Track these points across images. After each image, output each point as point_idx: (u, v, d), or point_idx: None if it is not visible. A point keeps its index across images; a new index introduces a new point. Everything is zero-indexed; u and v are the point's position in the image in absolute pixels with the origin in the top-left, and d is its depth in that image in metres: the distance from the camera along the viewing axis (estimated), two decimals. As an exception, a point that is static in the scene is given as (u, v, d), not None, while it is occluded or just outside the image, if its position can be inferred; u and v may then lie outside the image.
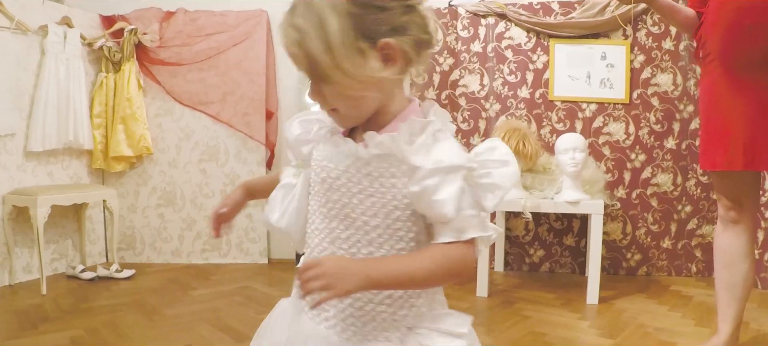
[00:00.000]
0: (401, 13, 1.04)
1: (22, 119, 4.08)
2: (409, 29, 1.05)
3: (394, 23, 1.03)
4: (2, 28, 3.89)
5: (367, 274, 1.01)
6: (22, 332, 3.01)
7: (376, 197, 1.08)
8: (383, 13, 1.03)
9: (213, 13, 4.61)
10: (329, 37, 1.00)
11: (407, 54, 1.06)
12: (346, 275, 0.99)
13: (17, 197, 3.87)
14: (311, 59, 1.02)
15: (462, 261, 1.06)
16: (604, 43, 4.12)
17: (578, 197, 3.46)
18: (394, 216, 1.08)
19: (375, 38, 1.03)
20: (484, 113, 4.33)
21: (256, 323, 2.92)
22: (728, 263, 2.56)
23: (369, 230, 1.09)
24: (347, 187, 1.10)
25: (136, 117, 4.49)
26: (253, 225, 4.65)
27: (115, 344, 2.84)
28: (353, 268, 1.01)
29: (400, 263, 1.06)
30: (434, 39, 1.10)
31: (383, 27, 1.03)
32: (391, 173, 1.07)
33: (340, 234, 1.11)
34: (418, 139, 1.07)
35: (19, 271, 4.03)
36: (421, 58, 1.10)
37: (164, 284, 4.00)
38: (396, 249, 1.09)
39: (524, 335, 2.96)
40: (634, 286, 3.90)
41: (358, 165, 1.09)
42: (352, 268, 1.01)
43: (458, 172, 1.03)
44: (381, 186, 1.08)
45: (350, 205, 1.10)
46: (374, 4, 1.02)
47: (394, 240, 1.09)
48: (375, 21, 1.02)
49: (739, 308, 2.56)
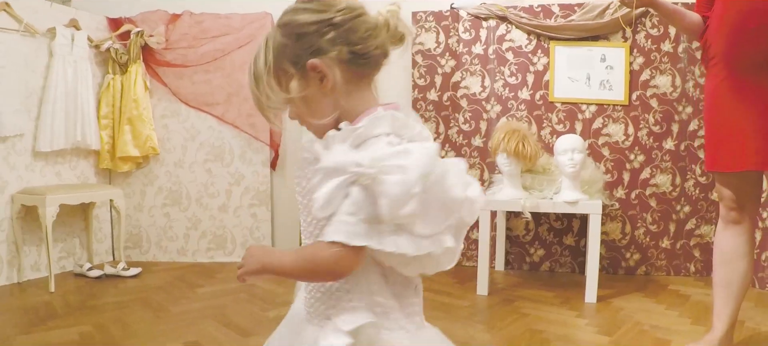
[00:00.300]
0: (320, 36, 1.15)
1: (31, 120, 4.15)
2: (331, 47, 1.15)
3: (315, 46, 1.15)
4: (11, 30, 3.95)
5: (262, 260, 1.19)
6: (32, 327, 3.08)
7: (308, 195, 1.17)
8: (303, 40, 1.16)
9: (218, 16, 4.68)
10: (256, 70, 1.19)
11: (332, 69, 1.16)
12: (250, 258, 1.20)
13: (26, 196, 3.94)
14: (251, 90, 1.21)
15: (330, 262, 1.09)
16: (604, 45, 4.17)
17: (577, 197, 3.52)
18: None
19: (300, 62, 1.16)
20: (485, 115, 4.39)
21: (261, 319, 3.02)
22: (727, 261, 2.61)
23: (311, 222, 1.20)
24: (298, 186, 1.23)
25: (143, 118, 4.56)
26: (258, 224, 4.71)
27: (122, 339, 2.91)
28: (257, 254, 1.20)
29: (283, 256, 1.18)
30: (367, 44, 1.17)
31: (307, 51, 1.16)
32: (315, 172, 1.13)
33: (303, 223, 1.23)
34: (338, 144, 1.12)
35: (27, 269, 4.11)
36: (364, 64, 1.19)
37: (170, 281, 4.08)
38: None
39: (522, 332, 3.01)
40: (632, 285, 3.95)
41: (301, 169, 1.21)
42: (257, 254, 1.20)
43: (339, 173, 1.06)
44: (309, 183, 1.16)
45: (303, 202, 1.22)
46: (295, 33, 1.17)
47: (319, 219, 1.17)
48: (299, 47, 1.16)
49: (735, 306, 2.61)
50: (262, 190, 4.71)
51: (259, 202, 4.71)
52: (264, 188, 4.71)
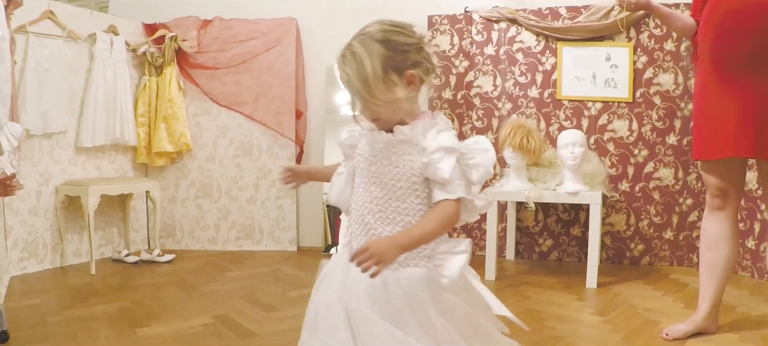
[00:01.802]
0: (415, 53, 1.58)
1: (74, 118, 4.50)
2: (421, 63, 1.58)
3: (413, 60, 1.57)
4: (55, 36, 4.29)
5: (399, 243, 1.49)
6: (76, 303, 3.41)
7: (399, 168, 1.59)
8: (405, 55, 1.56)
9: (246, 21, 4.99)
10: (366, 76, 1.51)
11: (421, 79, 1.59)
12: (387, 250, 1.46)
13: (69, 187, 4.29)
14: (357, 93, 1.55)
15: (452, 214, 1.55)
16: (609, 45, 4.38)
17: (578, 189, 3.75)
18: (412, 180, 1.59)
19: (402, 71, 1.55)
20: (496, 112, 4.63)
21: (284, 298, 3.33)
22: (711, 245, 2.80)
23: (396, 190, 1.60)
24: (382, 162, 1.61)
25: (177, 116, 4.88)
26: (284, 215, 5.02)
27: (158, 313, 3.23)
28: (390, 243, 1.48)
29: (418, 231, 1.53)
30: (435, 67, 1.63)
31: (407, 63, 1.56)
32: (408, 151, 1.58)
33: (377, 194, 1.61)
34: (427, 132, 1.59)
35: (69, 255, 4.45)
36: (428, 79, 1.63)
37: (202, 266, 4.40)
38: (415, 203, 1.60)
39: (522, 311, 3.25)
40: (635, 274, 4.14)
41: (389, 147, 1.60)
42: (389, 244, 1.47)
43: (453, 152, 1.53)
44: (402, 160, 1.59)
45: (383, 173, 1.61)
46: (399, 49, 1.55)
47: (413, 197, 1.60)
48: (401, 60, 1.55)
49: (719, 288, 2.80)
50: (287, 183, 5.00)
51: (284, 194, 5.01)
52: (289, 182, 5.00)
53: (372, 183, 1.62)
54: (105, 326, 2.98)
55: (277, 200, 5.02)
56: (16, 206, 4.08)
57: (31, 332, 2.88)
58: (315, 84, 5.11)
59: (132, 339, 2.80)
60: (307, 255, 4.82)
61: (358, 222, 1.65)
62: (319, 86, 5.09)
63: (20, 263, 4.12)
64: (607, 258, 4.48)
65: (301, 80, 5.04)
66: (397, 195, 1.60)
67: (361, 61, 1.52)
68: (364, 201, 1.63)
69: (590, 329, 2.98)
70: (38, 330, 2.91)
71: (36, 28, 4.12)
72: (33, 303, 3.40)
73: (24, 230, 4.15)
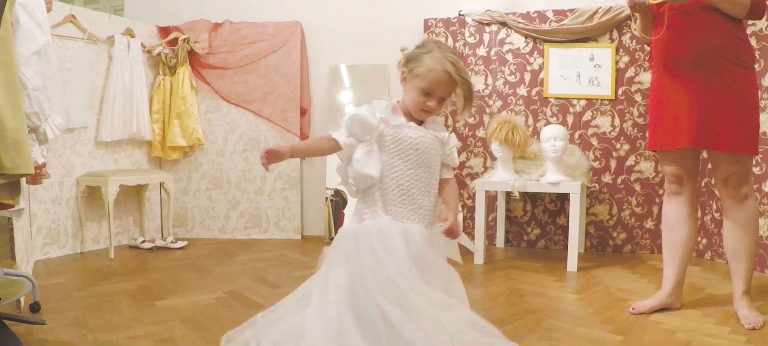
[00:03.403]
0: None
1: (94, 115, 4.81)
2: None
3: None
4: (77, 39, 4.61)
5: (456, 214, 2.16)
6: (97, 282, 3.74)
7: (438, 156, 2.21)
8: None
9: (254, 24, 5.29)
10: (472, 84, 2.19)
11: None
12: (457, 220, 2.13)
13: (90, 178, 4.60)
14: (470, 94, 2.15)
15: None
16: (593, 46, 4.67)
17: (559, 179, 4.05)
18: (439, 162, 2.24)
19: None
20: (488, 109, 4.93)
21: (289, 277, 3.67)
22: (671, 227, 3.09)
23: (435, 172, 2.21)
24: (430, 151, 2.18)
25: (189, 113, 5.20)
26: (289, 206, 5.33)
27: (174, 289, 3.55)
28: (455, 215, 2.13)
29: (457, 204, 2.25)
30: None
31: None
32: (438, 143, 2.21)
33: (423, 175, 2.16)
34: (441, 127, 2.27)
35: (88, 241, 4.77)
36: None
37: (213, 252, 4.72)
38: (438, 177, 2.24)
39: (503, 289, 3.55)
40: (616, 260, 4.41)
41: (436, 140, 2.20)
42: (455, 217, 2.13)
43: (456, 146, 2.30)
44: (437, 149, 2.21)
45: (431, 159, 2.18)
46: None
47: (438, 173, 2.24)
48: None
49: (680, 266, 3.07)
50: (292, 176, 5.33)
51: (290, 186, 5.33)
52: (294, 175, 5.33)
53: (420, 166, 2.14)
54: (126, 299, 3.31)
55: (282, 191, 5.33)
56: (41, 195, 4.40)
57: (59, 304, 3.20)
58: (318, 83, 5.42)
59: (152, 309, 3.12)
60: (311, 243, 5.13)
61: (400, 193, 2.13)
62: (323, 85, 5.40)
63: (43, 249, 4.45)
64: (591, 246, 4.77)
65: (305, 80, 5.33)
66: (435, 174, 2.20)
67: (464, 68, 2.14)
68: (409, 178, 2.13)
69: (564, 304, 3.26)
70: (65, 303, 3.23)
71: (59, 31, 4.41)
72: (58, 282, 3.72)
73: (47, 218, 4.47)
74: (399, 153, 2.13)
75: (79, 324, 2.85)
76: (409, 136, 2.13)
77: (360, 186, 2.16)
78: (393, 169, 2.12)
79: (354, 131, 2.14)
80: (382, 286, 1.95)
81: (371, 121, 2.12)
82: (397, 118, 2.16)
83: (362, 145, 2.12)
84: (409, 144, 2.13)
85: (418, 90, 2.13)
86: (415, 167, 2.12)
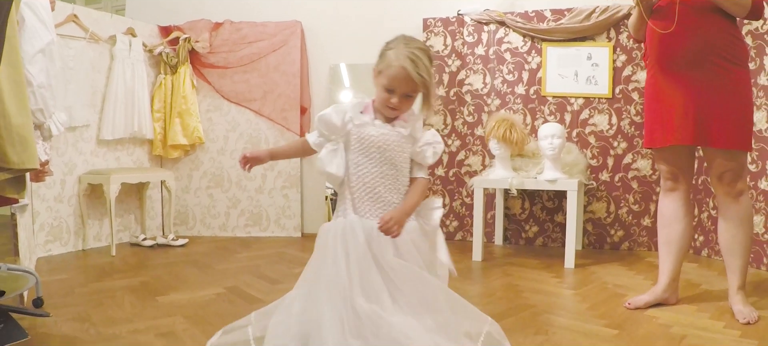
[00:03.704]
0: None
1: (96, 113, 4.85)
2: None
3: None
4: (79, 38, 4.65)
5: (406, 211, 2.11)
6: (100, 278, 3.78)
7: (405, 153, 2.19)
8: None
9: (255, 24, 5.33)
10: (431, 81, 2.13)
11: None
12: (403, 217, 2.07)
13: (92, 176, 4.64)
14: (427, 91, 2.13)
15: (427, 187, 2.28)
16: (590, 45, 4.71)
17: (556, 176, 4.09)
18: (408, 160, 2.21)
19: None
20: (486, 108, 4.97)
21: (288, 273, 3.70)
22: (666, 223, 3.12)
23: (402, 168, 2.19)
24: (395, 149, 2.16)
25: (190, 112, 5.24)
26: (289, 204, 5.37)
27: (175, 285, 3.59)
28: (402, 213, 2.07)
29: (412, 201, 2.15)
30: None
31: None
32: (408, 140, 2.19)
33: (387, 172, 2.15)
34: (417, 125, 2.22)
35: (90, 239, 4.80)
36: None
37: (213, 250, 4.76)
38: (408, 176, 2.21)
39: (501, 285, 3.58)
40: (614, 257, 4.45)
41: (401, 137, 2.17)
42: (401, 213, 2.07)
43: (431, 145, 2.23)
44: (405, 146, 2.18)
45: (396, 156, 2.16)
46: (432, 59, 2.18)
47: (408, 170, 2.21)
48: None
49: (676, 262, 3.10)
50: (292, 174, 5.37)
51: (290, 185, 5.37)
52: (294, 173, 5.37)
53: (384, 163, 2.14)
54: (129, 295, 3.35)
55: (282, 189, 5.37)
56: (43, 192, 4.44)
57: (62, 299, 3.24)
58: (318, 82, 5.46)
59: (154, 305, 3.15)
60: (311, 240, 5.04)
61: (366, 191, 2.14)
62: (322, 84, 5.45)
63: (45, 246, 4.48)
64: (588, 243, 4.81)
65: (305, 79, 5.37)
66: (403, 172, 2.19)
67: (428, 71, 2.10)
68: (374, 176, 2.14)
69: (560, 299, 3.30)
70: (68, 298, 3.27)
71: (62, 30, 4.43)
72: (61, 278, 3.76)
73: (49, 216, 4.51)
74: (363, 151, 2.16)
75: (82, 319, 2.88)
76: (371, 134, 2.15)
77: (332, 184, 2.27)
78: (358, 168, 2.16)
79: (322, 131, 2.22)
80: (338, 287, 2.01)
81: (334, 121, 2.17)
82: (361, 117, 2.18)
83: (328, 145, 2.19)
84: (371, 142, 2.14)
85: (381, 87, 2.16)
86: (380, 165, 2.14)
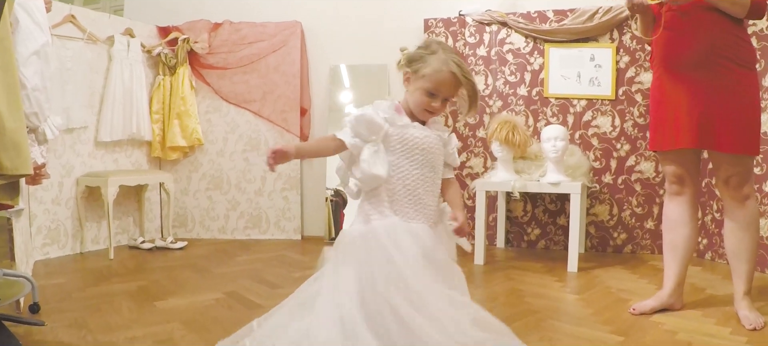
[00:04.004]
0: None
1: (93, 115, 4.80)
2: None
3: None
4: (77, 39, 4.60)
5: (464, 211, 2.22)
6: (98, 282, 3.73)
7: (442, 156, 2.23)
8: None
9: (254, 24, 5.29)
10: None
11: None
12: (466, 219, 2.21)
13: (90, 178, 4.60)
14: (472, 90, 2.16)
15: None
16: (593, 46, 4.66)
17: (559, 179, 4.04)
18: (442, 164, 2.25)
19: None
20: (488, 109, 4.92)
21: (288, 278, 3.66)
22: (672, 227, 3.08)
23: (439, 172, 2.22)
24: (435, 152, 2.18)
25: (189, 113, 5.20)
26: (289, 206, 5.32)
27: (174, 290, 3.55)
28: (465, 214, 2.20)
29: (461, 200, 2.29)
30: None
31: None
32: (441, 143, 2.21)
33: (429, 175, 2.17)
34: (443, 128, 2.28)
35: (88, 242, 4.76)
36: None
37: (213, 252, 4.72)
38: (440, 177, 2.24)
39: (504, 290, 3.54)
40: (617, 260, 4.41)
41: (440, 140, 2.21)
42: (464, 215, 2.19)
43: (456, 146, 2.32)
44: (441, 149, 2.22)
45: (436, 159, 2.19)
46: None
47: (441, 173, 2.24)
48: None
49: (681, 266, 3.06)
50: (292, 176, 5.32)
51: (290, 186, 5.32)
52: (294, 175, 5.32)
53: (425, 166, 2.15)
54: (126, 300, 3.30)
55: (282, 192, 5.32)
56: (40, 195, 4.39)
57: (58, 305, 3.19)
58: (318, 83, 5.41)
59: (152, 310, 3.11)
60: (311, 243, 5.13)
61: (407, 194, 2.13)
62: (323, 85, 5.40)
63: (43, 249, 4.44)
64: (591, 246, 4.76)
65: (305, 80, 5.33)
66: (438, 174, 2.22)
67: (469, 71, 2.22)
68: (415, 178, 2.14)
69: (564, 305, 3.26)
70: (65, 304, 3.22)
71: (59, 31, 4.41)
72: (58, 282, 3.71)
73: (47, 218, 4.46)
74: (405, 153, 2.14)
75: (78, 325, 2.84)
76: (415, 136, 2.15)
77: (366, 187, 2.17)
78: (399, 170, 2.14)
79: (359, 131, 2.16)
80: (396, 285, 1.96)
81: (378, 121, 2.14)
82: (402, 119, 2.17)
83: (369, 146, 2.14)
84: (415, 144, 2.14)
85: (422, 91, 2.14)
86: (421, 167, 2.15)
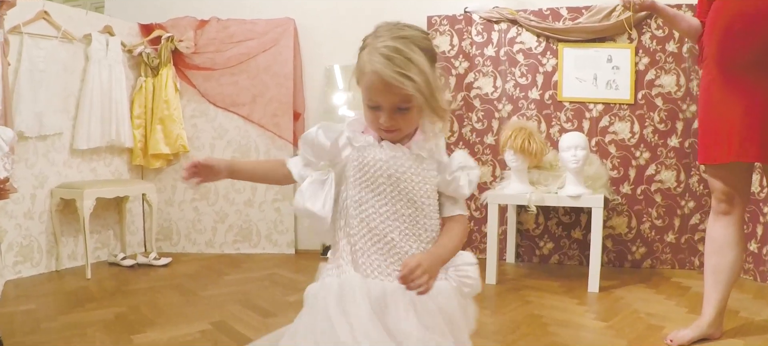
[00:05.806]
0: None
1: (69, 120, 4.46)
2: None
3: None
4: (50, 37, 4.25)
5: (440, 257, 1.49)
6: (71, 309, 3.37)
7: (428, 184, 1.55)
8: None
9: (243, 22, 4.95)
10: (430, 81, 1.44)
11: None
12: (435, 264, 1.45)
13: (65, 190, 4.24)
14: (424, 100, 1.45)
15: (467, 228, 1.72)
16: (610, 46, 4.35)
17: (580, 192, 3.71)
18: (435, 195, 1.57)
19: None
20: (496, 114, 4.59)
21: (282, 303, 3.27)
22: (717, 250, 2.76)
23: (424, 207, 1.54)
24: (412, 179, 1.53)
25: (173, 118, 4.84)
26: (281, 218, 4.97)
27: (155, 319, 3.18)
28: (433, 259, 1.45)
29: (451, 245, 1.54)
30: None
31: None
32: (431, 166, 1.56)
33: (404, 212, 1.52)
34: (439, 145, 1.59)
35: (64, 258, 4.40)
36: None
37: (199, 270, 4.36)
38: (436, 218, 1.58)
39: (524, 316, 3.22)
40: (636, 277, 4.10)
41: (417, 163, 1.54)
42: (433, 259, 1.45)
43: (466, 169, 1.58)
44: (428, 176, 1.55)
45: (413, 189, 1.53)
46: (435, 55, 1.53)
47: (435, 212, 1.57)
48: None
49: (724, 293, 2.76)
50: (285, 186, 4.95)
51: (282, 197, 4.97)
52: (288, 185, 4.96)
53: (397, 200, 1.51)
54: (100, 332, 2.94)
55: (274, 202, 4.97)
56: (11, 209, 4.04)
57: (25, 338, 2.84)
58: (313, 85, 5.07)
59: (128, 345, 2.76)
60: (305, 258, 4.78)
61: (374, 240, 1.51)
62: (318, 87, 5.05)
63: (15, 267, 4.08)
64: (608, 261, 4.44)
65: (299, 81, 5.01)
66: (425, 212, 1.54)
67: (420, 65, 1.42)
68: (383, 217, 1.51)
69: (594, 335, 2.94)
70: (33, 337, 2.87)
71: (30, 28, 4.07)
72: (28, 309, 3.36)
73: (19, 234, 4.11)
74: (367, 184, 1.53)
75: (43, 366, 2.48)
76: (378, 158, 1.53)
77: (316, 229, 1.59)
78: (361, 207, 1.53)
79: (306, 157, 1.63)
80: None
81: (321, 142, 1.58)
82: (363, 137, 1.58)
83: (313, 174, 1.59)
84: (378, 170, 1.53)
85: (364, 104, 1.56)
86: (391, 202, 1.52)
